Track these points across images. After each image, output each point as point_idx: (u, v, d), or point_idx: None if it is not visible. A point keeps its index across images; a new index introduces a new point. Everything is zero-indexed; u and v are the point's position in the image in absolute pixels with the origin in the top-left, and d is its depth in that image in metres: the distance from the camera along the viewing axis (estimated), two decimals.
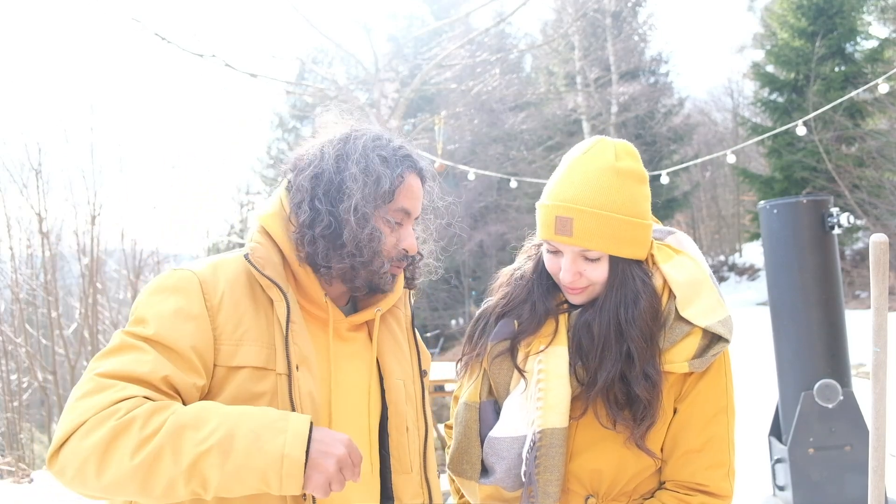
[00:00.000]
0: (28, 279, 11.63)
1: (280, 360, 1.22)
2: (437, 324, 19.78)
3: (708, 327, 1.38)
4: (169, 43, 8.28)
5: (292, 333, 1.24)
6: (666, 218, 21.37)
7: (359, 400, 1.35)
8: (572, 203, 1.40)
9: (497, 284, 1.64)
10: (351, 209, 1.27)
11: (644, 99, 20.52)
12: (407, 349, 1.49)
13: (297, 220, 1.30)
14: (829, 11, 16.44)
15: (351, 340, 1.39)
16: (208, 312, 1.21)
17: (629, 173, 1.44)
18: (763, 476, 4.58)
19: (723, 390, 1.44)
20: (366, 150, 1.32)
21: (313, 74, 13.15)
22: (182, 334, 1.17)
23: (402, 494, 1.36)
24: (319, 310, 1.34)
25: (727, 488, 1.43)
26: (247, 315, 1.24)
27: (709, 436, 1.41)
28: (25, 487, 6.26)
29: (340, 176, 1.30)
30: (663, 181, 9.92)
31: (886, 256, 1.56)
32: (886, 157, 13.57)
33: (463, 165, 11.72)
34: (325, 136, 1.38)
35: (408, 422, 1.39)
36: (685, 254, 1.51)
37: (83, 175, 11.45)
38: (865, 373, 7.85)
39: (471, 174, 10.70)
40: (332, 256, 1.29)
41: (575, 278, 1.44)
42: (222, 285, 1.25)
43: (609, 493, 1.44)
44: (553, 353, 1.45)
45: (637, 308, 1.40)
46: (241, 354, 1.21)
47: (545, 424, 1.40)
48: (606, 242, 1.40)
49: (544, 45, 19.87)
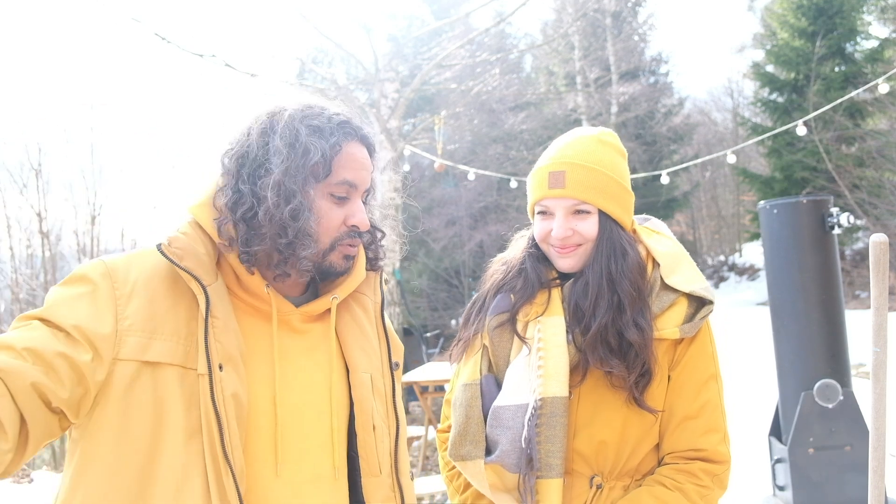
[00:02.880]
0: (28, 279, 11.62)
1: (201, 358, 1.11)
2: (437, 324, 19.76)
3: (692, 291, 1.47)
4: (169, 43, 8.28)
5: (214, 329, 1.13)
6: (666, 218, 21.35)
7: (318, 398, 1.24)
8: (564, 159, 1.52)
9: (489, 273, 1.69)
10: (269, 185, 1.16)
11: (644, 99, 20.51)
12: (375, 339, 1.36)
13: (221, 204, 1.20)
14: (829, 11, 16.43)
15: (306, 333, 1.28)
16: (115, 302, 1.12)
17: (611, 145, 1.58)
18: (763, 476, 4.57)
19: (711, 357, 1.52)
20: (292, 122, 1.21)
21: (313, 74, 13.15)
22: (69, 313, 1.09)
23: (372, 498, 1.26)
24: (262, 302, 1.23)
25: (724, 453, 1.47)
26: (163, 308, 1.14)
27: (703, 401, 1.48)
28: (25, 487, 6.26)
29: (265, 152, 1.19)
30: (663, 181, 9.92)
31: (886, 256, 1.56)
32: (886, 157, 13.56)
33: (463, 165, 11.73)
34: (253, 113, 1.26)
35: (375, 420, 1.28)
36: (663, 234, 1.62)
37: (83, 175, 11.46)
38: (865, 373, 7.85)
39: (471, 174, 10.70)
40: (254, 239, 1.18)
41: (567, 234, 1.51)
42: (135, 274, 1.16)
43: (614, 470, 1.47)
44: (549, 322, 1.51)
45: (626, 261, 1.49)
46: (155, 348, 1.11)
47: (546, 393, 1.43)
48: (596, 195, 1.50)
49: (544, 45, 19.87)
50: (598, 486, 1.46)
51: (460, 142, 17.78)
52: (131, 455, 1.09)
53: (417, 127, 11.12)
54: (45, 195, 11.10)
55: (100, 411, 1.10)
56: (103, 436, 1.10)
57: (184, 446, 1.10)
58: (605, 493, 1.46)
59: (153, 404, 1.11)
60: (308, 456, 1.21)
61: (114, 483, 1.09)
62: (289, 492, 1.18)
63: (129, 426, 1.10)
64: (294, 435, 1.20)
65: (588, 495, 1.46)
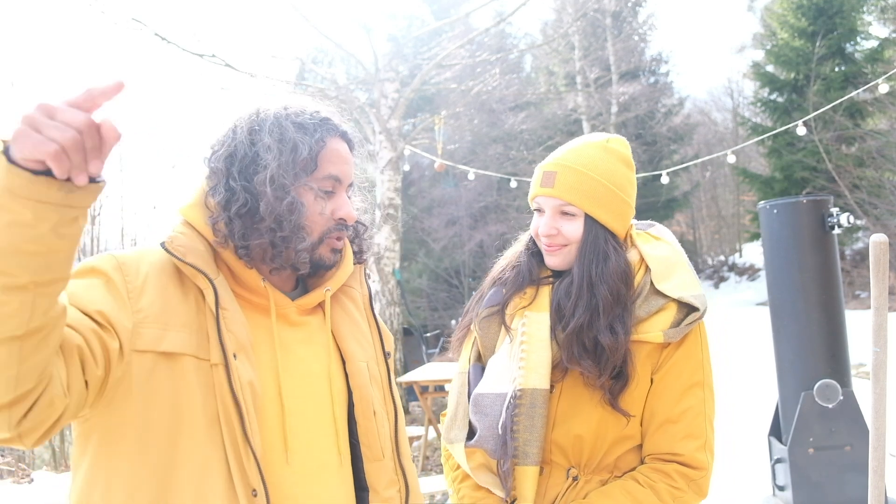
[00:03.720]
0: None
1: (214, 348, 1.14)
2: (437, 324, 19.76)
3: (681, 298, 1.49)
4: (169, 43, 8.28)
5: (225, 320, 1.16)
6: (666, 218, 21.36)
7: (318, 387, 1.28)
8: (559, 161, 1.57)
9: (495, 268, 1.74)
10: (266, 181, 1.19)
11: (644, 99, 20.51)
12: (367, 330, 1.41)
13: (216, 206, 1.22)
14: (829, 11, 16.43)
15: (303, 325, 1.31)
16: (128, 294, 1.12)
17: (616, 153, 1.58)
18: (763, 476, 4.57)
19: (699, 364, 1.51)
20: (278, 119, 1.24)
21: (313, 74, 13.14)
22: (91, 299, 1.08)
23: (375, 483, 1.30)
24: (258, 296, 1.26)
25: (703, 461, 1.48)
26: (174, 299, 1.16)
27: (684, 407, 1.48)
28: (25, 487, 6.26)
29: (254, 149, 1.22)
30: (663, 181, 9.93)
31: (886, 256, 1.56)
32: (886, 157, 13.56)
33: (463, 165, 11.73)
34: (234, 116, 1.29)
35: (374, 406, 1.32)
36: (663, 240, 1.62)
37: None
38: (865, 373, 7.85)
39: (471, 174, 10.71)
40: (250, 234, 1.21)
41: (552, 232, 1.54)
42: (145, 268, 1.17)
43: (590, 464, 1.51)
44: (535, 318, 1.54)
45: (607, 266, 1.50)
46: (169, 339, 1.13)
47: (526, 384, 1.48)
48: (582, 199, 1.52)
49: (544, 45, 19.85)
50: (575, 477, 1.51)
51: (460, 142, 17.78)
52: (154, 445, 1.11)
53: (417, 127, 11.11)
54: None
55: (121, 404, 1.11)
56: (126, 429, 1.11)
57: (205, 434, 1.12)
58: (581, 485, 1.50)
59: (172, 394, 1.12)
60: (314, 444, 1.25)
61: (139, 475, 1.10)
62: (299, 479, 1.21)
63: (151, 417, 1.11)
64: (300, 424, 1.23)
65: (564, 486, 1.51)
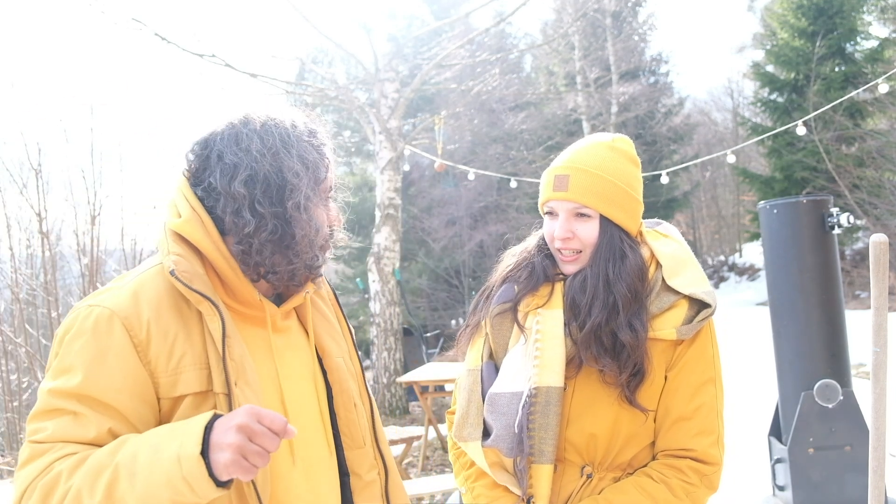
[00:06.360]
0: (28, 279, 11.61)
1: (217, 378, 1.15)
2: (437, 324, 19.75)
3: (692, 294, 1.49)
4: (169, 43, 8.28)
5: (229, 348, 1.17)
6: (666, 218, 21.20)
7: (306, 386, 1.34)
8: (570, 163, 1.57)
9: (501, 264, 1.73)
10: (301, 207, 1.20)
11: (644, 99, 20.50)
12: (338, 325, 1.47)
13: (240, 231, 1.20)
14: (829, 11, 16.42)
15: (286, 330, 1.35)
16: (136, 350, 1.13)
17: (623, 152, 1.59)
18: (763, 476, 4.57)
19: (710, 361, 1.53)
20: (297, 139, 1.24)
21: (313, 74, 13.13)
22: (111, 382, 1.10)
23: (358, 468, 1.37)
24: (253, 309, 1.28)
25: (716, 456, 1.50)
26: (178, 339, 1.16)
27: (698, 404, 1.49)
28: None
29: (280, 173, 1.20)
30: (663, 181, 9.93)
31: (886, 256, 1.56)
32: (886, 157, 13.55)
33: (463, 165, 11.73)
34: (219, 129, 1.25)
35: (354, 398, 1.40)
36: (671, 237, 1.64)
37: (83, 175, 11.43)
38: (865, 373, 7.85)
39: (471, 174, 10.70)
40: (279, 261, 1.22)
41: (567, 235, 1.54)
42: (146, 314, 1.16)
43: (604, 463, 1.52)
44: (549, 315, 1.55)
45: (624, 264, 1.51)
46: (182, 383, 1.15)
47: (540, 382, 1.49)
48: (598, 200, 1.52)
49: (544, 45, 19.84)
50: (589, 475, 1.52)
51: (460, 142, 17.77)
52: None
53: (417, 127, 11.11)
54: (45, 195, 11.08)
55: None
56: None
57: None
58: (595, 482, 1.51)
59: None
60: (311, 441, 1.31)
61: None
62: (303, 476, 1.27)
63: None
64: (299, 424, 1.28)
65: (578, 483, 1.52)
